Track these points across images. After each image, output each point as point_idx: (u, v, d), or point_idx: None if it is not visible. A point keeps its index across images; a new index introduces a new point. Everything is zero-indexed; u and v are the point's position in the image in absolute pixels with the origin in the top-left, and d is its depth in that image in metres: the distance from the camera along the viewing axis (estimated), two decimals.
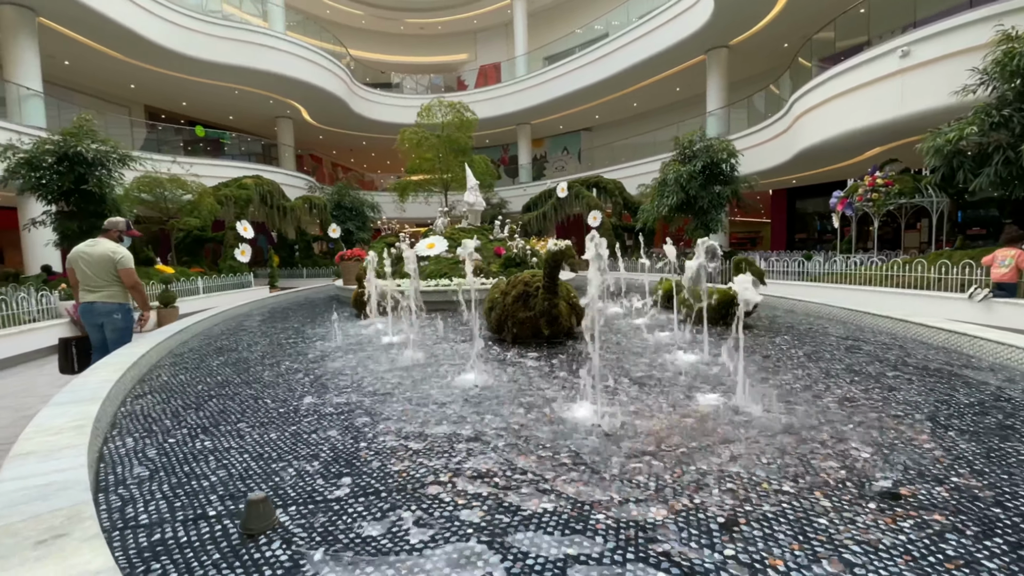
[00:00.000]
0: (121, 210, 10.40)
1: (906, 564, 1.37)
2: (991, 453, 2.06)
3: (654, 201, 14.70)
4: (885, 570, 1.35)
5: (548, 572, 1.35)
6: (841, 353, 3.84)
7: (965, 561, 1.38)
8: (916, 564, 1.37)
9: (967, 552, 1.42)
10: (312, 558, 1.43)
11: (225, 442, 2.33)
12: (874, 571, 1.34)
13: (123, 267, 4.67)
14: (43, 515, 1.38)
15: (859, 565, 1.37)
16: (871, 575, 1.33)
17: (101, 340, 4.58)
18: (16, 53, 12.09)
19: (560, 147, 28.81)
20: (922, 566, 1.36)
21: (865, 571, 1.34)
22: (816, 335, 4.58)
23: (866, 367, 3.40)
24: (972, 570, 1.34)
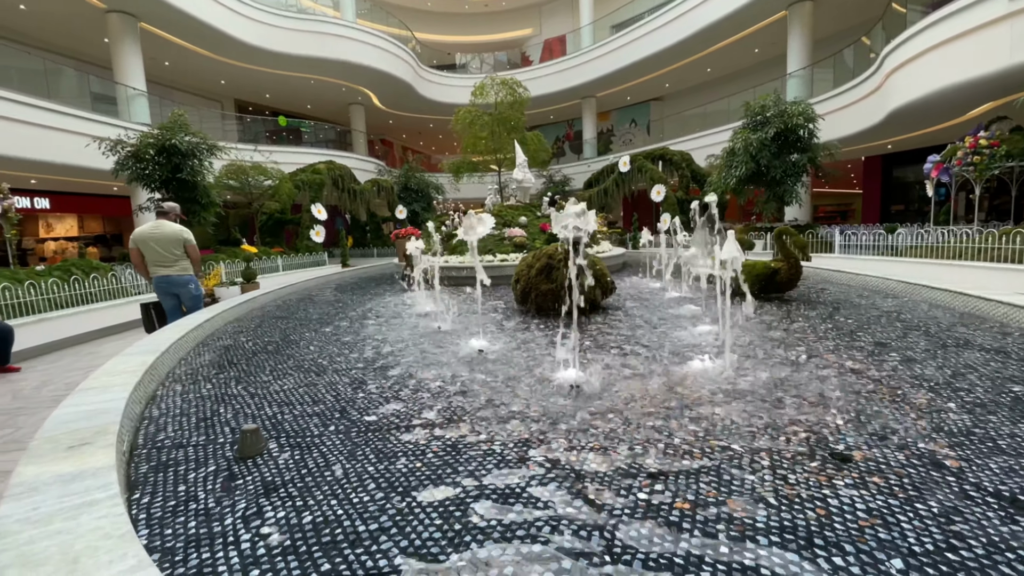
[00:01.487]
0: (212, 195, 11.56)
1: (816, 518, 1.38)
2: (952, 421, 1.93)
3: (721, 173, 13.95)
4: (791, 521, 1.38)
5: (472, 496, 1.52)
6: (869, 326, 3.60)
7: (882, 520, 1.37)
8: (828, 516, 1.38)
9: (885, 512, 1.41)
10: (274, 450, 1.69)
11: (253, 389, 2.69)
12: (777, 522, 1.38)
13: (190, 243, 5.37)
14: (80, 430, 1.74)
15: (769, 511, 1.40)
16: (772, 521, 1.36)
17: (172, 307, 5.26)
18: (122, 57, 13.65)
19: (627, 119, 27.85)
20: (833, 518, 1.37)
21: (767, 517, 1.38)
22: (856, 309, 4.29)
23: (887, 340, 3.18)
24: (884, 529, 1.34)
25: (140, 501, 1.57)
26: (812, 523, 1.35)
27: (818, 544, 1.26)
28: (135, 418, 2.23)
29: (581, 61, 23.77)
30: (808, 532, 1.31)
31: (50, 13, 13.01)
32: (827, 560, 1.20)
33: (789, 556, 1.22)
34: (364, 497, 1.55)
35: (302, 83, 20.25)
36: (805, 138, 12.83)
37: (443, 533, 1.35)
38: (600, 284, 4.81)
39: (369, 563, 1.24)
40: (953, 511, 1.38)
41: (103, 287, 7.51)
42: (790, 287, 5.04)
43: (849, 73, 15.52)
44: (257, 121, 21.23)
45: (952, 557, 1.20)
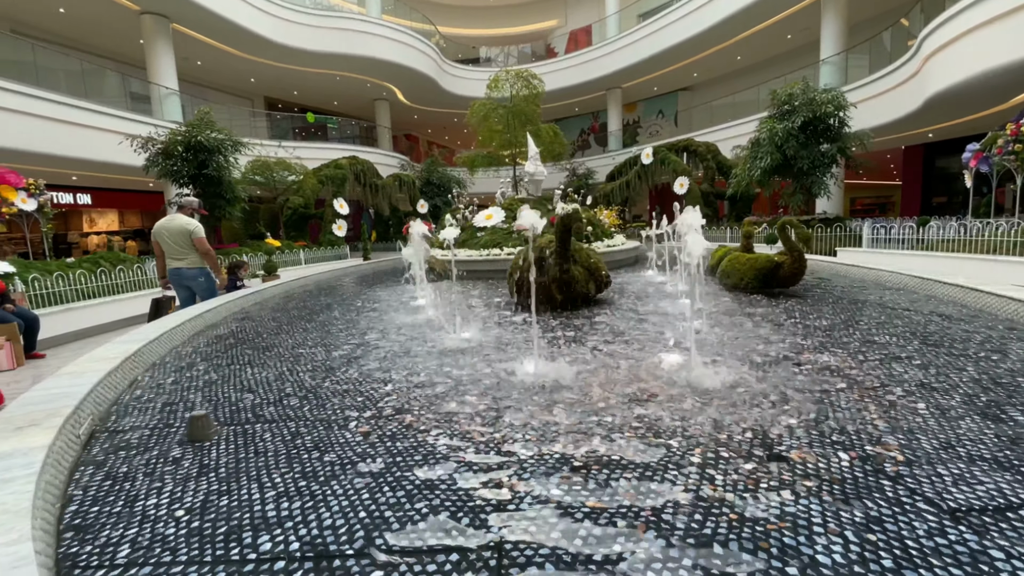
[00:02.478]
0: (236, 191, 11.94)
1: (728, 522, 1.34)
2: (901, 414, 1.82)
3: (746, 164, 13.54)
4: (699, 523, 1.34)
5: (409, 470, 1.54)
6: (860, 323, 3.44)
7: (791, 523, 1.32)
8: (739, 518, 1.34)
9: (796, 515, 1.35)
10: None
11: (227, 375, 2.78)
12: (685, 523, 1.34)
13: (197, 236, 5.51)
14: (35, 412, 1.84)
15: (678, 512, 1.37)
16: (679, 521, 1.33)
17: (186, 298, 5.45)
18: (156, 57, 14.21)
19: (655, 111, 27.31)
20: (744, 518, 1.33)
21: (672, 518, 1.35)
22: (855, 304, 4.10)
23: (874, 338, 3.03)
24: (791, 533, 1.29)
25: (81, 480, 1.65)
26: (721, 526, 1.31)
27: (717, 550, 1.22)
28: (106, 403, 2.34)
29: (606, 51, 23.42)
30: (711, 536, 1.27)
31: (88, 16, 13.63)
32: (711, 560, 1.16)
33: (679, 559, 1.19)
34: (285, 481, 1.59)
35: (328, 80, 20.63)
36: (835, 127, 12.32)
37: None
38: (594, 278, 4.76)
39: (266, 543, 1.27)
40: (877, 520, 1.32)
41: (129, 279, 7.87)
42: (794, 282, 4.86)
43: (886, 58, 14.77)
44: (285, 118, 21.77)
45: (858, 571, 1.14)
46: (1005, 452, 1.63)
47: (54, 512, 1.41)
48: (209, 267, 5.69)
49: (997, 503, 1.36)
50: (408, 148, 26.84)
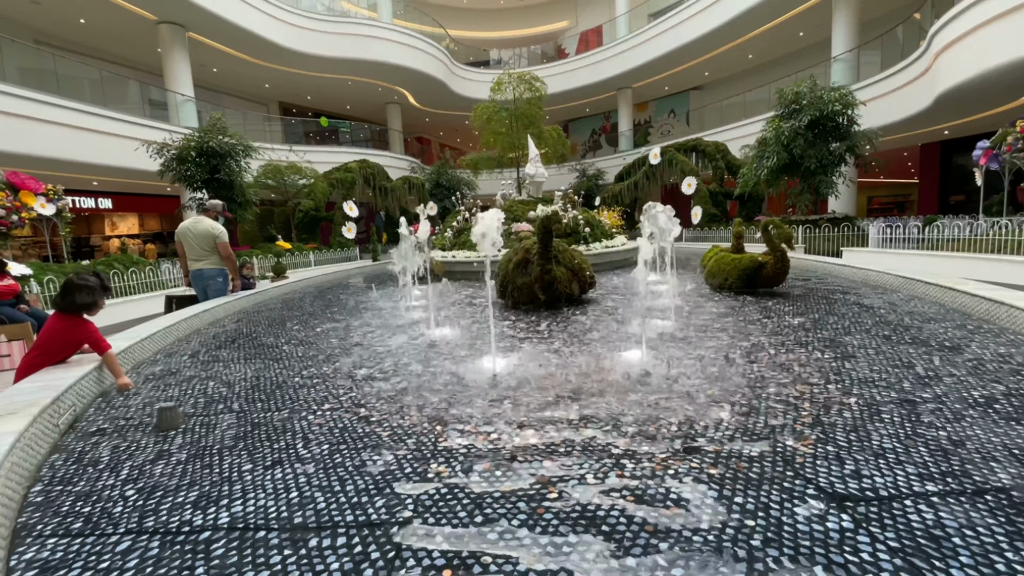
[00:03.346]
0: (248, 194, 12.26)
1: (627, 500, 1.44)
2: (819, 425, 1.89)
3: (753, 164, 13.44)
4: (591, 512, 1.44)
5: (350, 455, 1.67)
6: (830, 322, 3.47)
7: (684, 512, 1.41)
8: (637, 500, 1.43)
9: (690, 501, 1.44)
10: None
11: (210, 371, 2.94)
12: (578, 511, 1.45)
13: (221, 241, 5.68)
14: (18, 402, 2.01)
15: (582, 501, 1.47)
16: (574, 498, 1.43)
17: (204, 297, 5.66)
18: (173, 64, 14.65)
19: (666, 110, 27.15)
20: (640, 508, 1.43)
21: (566, 494, 1.45)
22: (831, 304, 4.11)
23: (837, 337, 3.07)
24: (681, 519, 1.38)
25: (56, 463, 1.81)
26: (613, 512, 1.40)
27: (603, 537, 1.32)
28: (91, 396, 2.51)
29: (617, 51, 23.37)
30: (609, 524, 1.37)
31: (107, 26, 14.11)
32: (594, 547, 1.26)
33: (561, 546, 1.29)
34: (231, 465, 1.73)
35: (340, 84, 20.98)
36: (844, 125, 12.16)
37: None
38: (577, 278, 4.85)
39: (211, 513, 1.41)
40: (766, 507, 1.40)
41: (141, 280, 8.18)
42: (777, 281, 4.88)
43: (899, 55, 14.52)
44: (299, 122, 22.19)
45: (726, 554, 1.23)
46: (911, 450, 1.69)
47: (18, 489, 1.56)
48: (228, 270, 5.85)
49: (886, 494, 1.43)
50: (420, 151, 27.09)
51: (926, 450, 1.66)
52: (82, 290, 2.63)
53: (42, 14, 13.32)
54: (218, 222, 5.85)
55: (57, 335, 2.68)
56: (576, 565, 1.17)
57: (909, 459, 1.61)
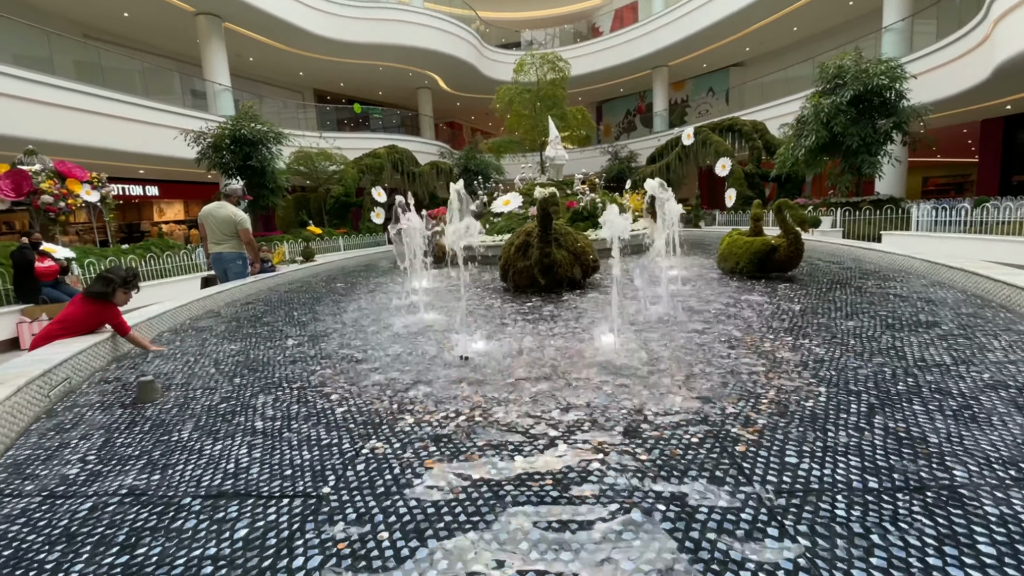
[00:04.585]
0: (279, 181, 12.63)
1: (550, 482, 1.43)
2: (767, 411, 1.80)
3: (790, 144, 12.81)
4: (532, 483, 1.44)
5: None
6: (831, 309, 3.29)
7: (609, 491, 1.39)
8: (556, 483, 1.42)
9: (615, 486, 1.42)
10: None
11: (205, 346, 3.09)
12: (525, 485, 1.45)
13: (242, 227, 5.86)
14: (9, 373, 2.17)
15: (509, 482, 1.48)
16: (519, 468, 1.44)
17: (223, 279, 5.90)
18: (210, 55, 15.16)
19: (704, 88, 26.14)
20: (556, 487, 1.42)
21: (503, 475, 1.45)
22: (841, 290, 3.89)
23: (832, 324, 2.91)
24: (606, 497, 1.36)
25: (35, 429, 1.96)
26: (524, 493, 1.40)
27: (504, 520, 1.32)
28: (88, 370, 2.68)
29: (652, 28, 22.58)
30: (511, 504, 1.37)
31: (148, 18, 14.70)
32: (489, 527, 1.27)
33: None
34: (192, 436, 1.82)
35: (372, 70, 21.20)
36: (892, 100, 11.41)
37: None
38: (580, 262, 4.78)
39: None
40: (684, 495, 1.36)
41: (176, 264, 8.62)
42: (790, 265, 4.67)
43: (956, 24, 13.42)
44: (332, 109, 22.60)
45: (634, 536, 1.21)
46: (867, 445, 1.60)
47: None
48: (249, 254, 6.04)
49: (819, 487, 1.37)
50: (451, 135, 27.13)
51: (872, 444, 1.57)
52: (102, 281, 2.87)
53: (89, 9, 14.00)
54: (239, 207, 6.05)
55: (80, 314, 2.92)
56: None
57: (852, 452, 1.53)
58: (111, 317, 2.89)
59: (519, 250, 4.72)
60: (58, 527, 1.32)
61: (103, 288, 2.87)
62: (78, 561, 1.19)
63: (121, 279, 2.91)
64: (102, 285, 2.87)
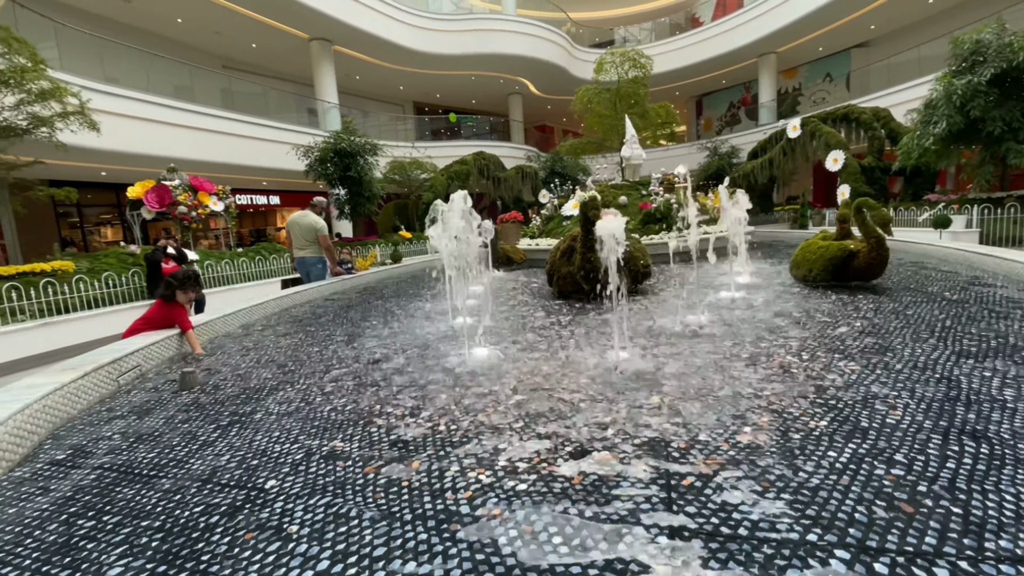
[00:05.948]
0: (374, 189, 13.60)
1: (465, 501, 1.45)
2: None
3: (916, 131, 11.22)
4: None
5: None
6: (920, 331, 2.84)
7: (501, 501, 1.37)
8: (486, 487, 1.43)
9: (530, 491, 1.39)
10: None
11: (263, 342, 3.47)
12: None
13: (322, 234, 6.52)
14: (85, 360, 2.60)
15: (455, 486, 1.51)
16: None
17: (307, 280, 6.55)
18: (321, 76, 16.79)
19: (820, 74, 23.71)
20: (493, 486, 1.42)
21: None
22: (943, 306, 3.34)
23: (907, 351, 2.52)
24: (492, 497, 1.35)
25: (93, 409, 2.35)
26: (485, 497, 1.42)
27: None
28: (159, 359, 3.13)
29: (757, 13, 20.95)
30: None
31: (272, 47, 16.64)
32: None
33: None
34: (214, 424, 2.07)
35: (464, 80, 22.05)
36: None
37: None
38: (629, 268, 4.60)
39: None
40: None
41: (280, 266, 9.66)
42: (872, 274, 4.10)
43: None
44: (428, 120, 23.84)
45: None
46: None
47: (45, 425, 2.07)
48: (327, 259, 6.71)
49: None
50: (542, 139, 27.35)
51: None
52: (165, 284, 3.39)
53: (227, 43, 16.17)
54: (321, 217, 6.68)
55: (155, 313, 3.44)
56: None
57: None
58: (177, 315, 3.35)
59: (564, 255, 4.67)
60: (64, 487, 1.60)
61: (165, 290, 3.34)
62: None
63: (179, 281, 3.36)
64: (164, 287, 3.34)
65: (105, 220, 16.34)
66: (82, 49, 11.62)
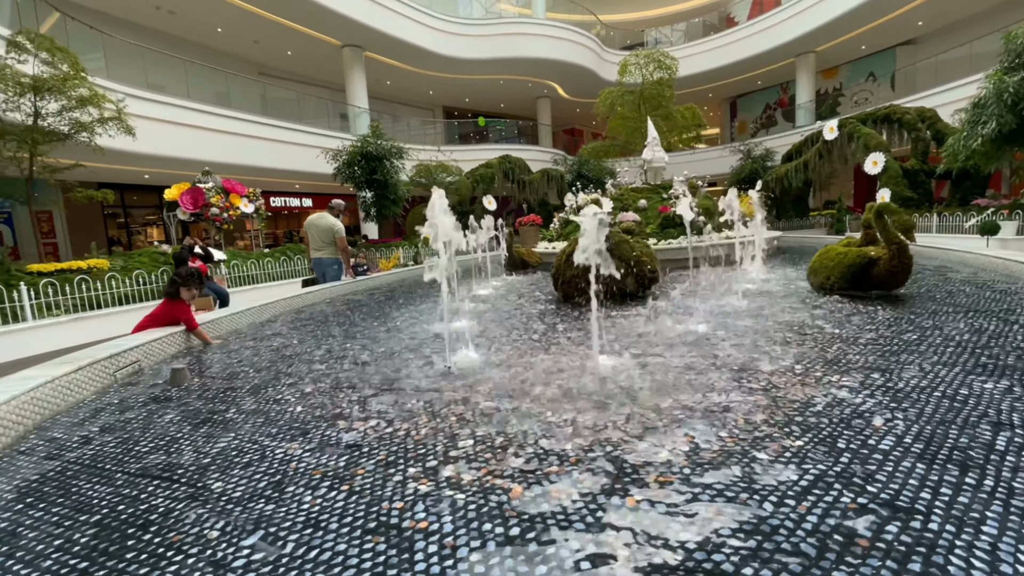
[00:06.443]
0: (399, 192, 13.79)
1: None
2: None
3: (962, 132, 10.61)
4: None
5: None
6: (935, 349, 2.66)
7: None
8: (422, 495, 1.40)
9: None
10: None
11: (263, 340, 3.54)
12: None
13: (339, 236, 6.68)
14: (83, 355, 2.70)
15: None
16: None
17: (323, 280, 6.69)
18: (352, 81, 17.18)
19: (863, 73, 22.75)
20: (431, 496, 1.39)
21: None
22: (968, 319, 3.12)
23: (910, 372, 2.35)
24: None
25: (85, 401, 2.43)
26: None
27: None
28: (159, 355, 3.23)
29: (796, 11, 20.26)
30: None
31: (306, 54, 17.13)
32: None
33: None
34: (194, 418, 2.11)
35: (493, 84, 22.14)
36: None
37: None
38: (634, 273, 4.50)
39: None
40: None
41: (305, 266, 9.91)
42: (894, 283, 3.87)
43: None
44: (457, 124, 24.06)
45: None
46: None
47: (34, 417, 2.15)
48: (343, 260, 6.86)
49: None
50: (571, 142, 27.18)
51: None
52: (170, 281, 3.48)
53: (264, 52, 16.74)
54: (338, 220, 6.83)
55: (160, 310, 3.55)
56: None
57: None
58: (181, 312, 3.45)
59: (569, 259, 4.59)
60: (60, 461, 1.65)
61: (171, 287, 3.44)
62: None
63: (182, 279, 3.45)
64: (169, 285, 3.44)
65: (151, 221, 17.14)
66: (127, 58, 12.24)
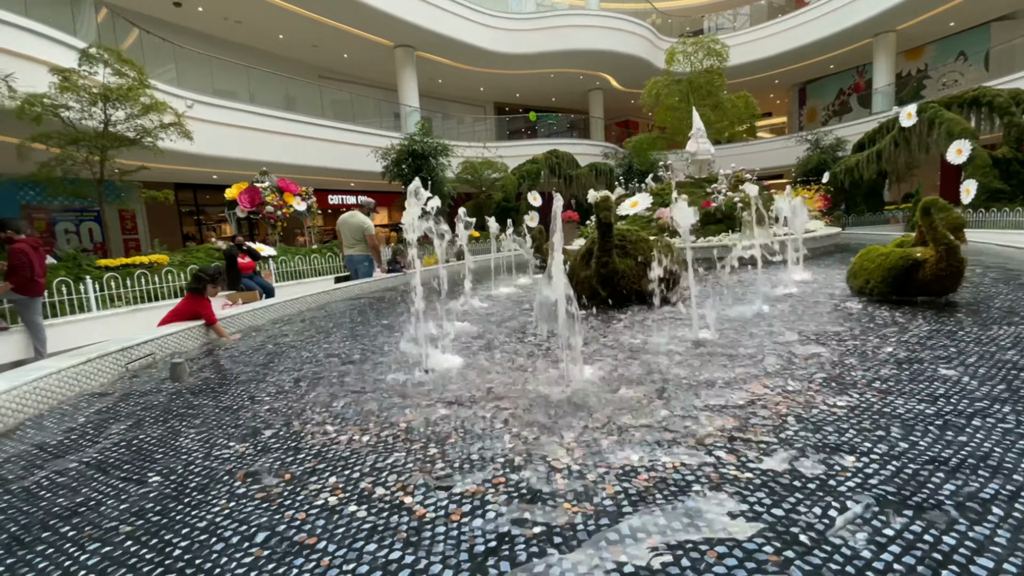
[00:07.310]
0: (444, 190, 13.99)
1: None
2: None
3: None
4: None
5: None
6: (966, 365, 2.33)
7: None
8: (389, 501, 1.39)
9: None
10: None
11: (277, 340, 3.68)
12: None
13: (369, 233, 6.87)
14: (94, 348, 2.91)
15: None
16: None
17: (356, 276, 6.91)
18: (404, 81, 17.60)
19: (952, 53, 20.60)
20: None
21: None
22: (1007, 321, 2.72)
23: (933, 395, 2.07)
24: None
25: (91, 391, 2.61)
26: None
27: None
28: (173, 349, 3.43)
29: None
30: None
31: (360, 56, 17.70)
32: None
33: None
34: (187, 409, 2.22)
35: (544, 79, 21.95)
36: None
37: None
38: (650, 271, 4.28)
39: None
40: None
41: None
42: (942, 288, 3.44)
43: None
44: (506, 120, 24.07)
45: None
46: None
47: (30, 405, 2.32)
48: (373, 257, 7.07)
49: None
50: (626, 134, 26.47)
51: None
52: (195, 278, 3.67)
53: (323, 56, 17.48)
54: (369, 217, 7.03)
55: (183, 306, 3.77)
56: None
57: None
58: (202, 308, 3.63)
59: (583, 259, 4.45)
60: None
61: (196, 284, 3.63)
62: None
63: (210, 277, 3.63)
64: (195, 282, 3.63)
65: (223, 218, 18.40)
66: (195, 65, 13.14)
